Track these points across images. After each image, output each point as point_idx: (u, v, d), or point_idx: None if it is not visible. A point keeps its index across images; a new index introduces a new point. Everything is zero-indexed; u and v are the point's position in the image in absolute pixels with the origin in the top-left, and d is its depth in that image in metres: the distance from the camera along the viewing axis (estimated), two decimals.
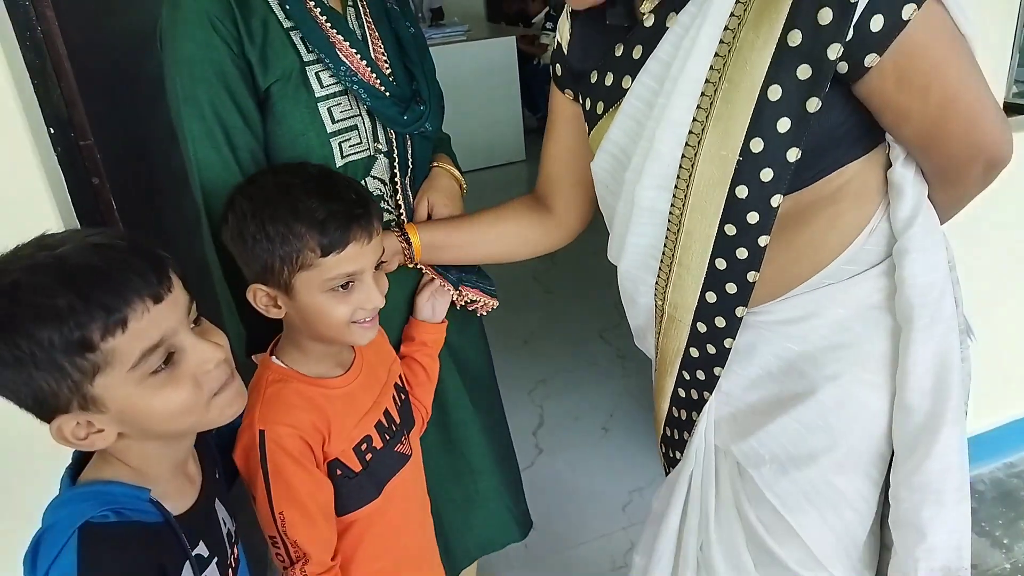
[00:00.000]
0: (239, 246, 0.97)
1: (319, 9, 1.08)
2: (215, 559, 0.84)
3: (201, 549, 0.82)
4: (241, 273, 1.01)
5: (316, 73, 1.09)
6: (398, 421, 1.13)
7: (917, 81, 0.78)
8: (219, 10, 1.01)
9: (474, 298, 1.32)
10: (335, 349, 1.06)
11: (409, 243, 1.17)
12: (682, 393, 1.04)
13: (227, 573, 0.87)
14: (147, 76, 1.70)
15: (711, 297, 0.92)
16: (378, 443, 1.08)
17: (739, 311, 0.91)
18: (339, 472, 1.03)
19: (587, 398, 2.62)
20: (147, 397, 0.72)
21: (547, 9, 5.69)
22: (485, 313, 1.36)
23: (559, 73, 1.08)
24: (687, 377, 1.02)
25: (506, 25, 6.04)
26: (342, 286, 0.97)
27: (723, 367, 0.97)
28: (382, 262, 1.03)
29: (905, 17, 0.74)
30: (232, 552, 0.90)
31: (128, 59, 1.57)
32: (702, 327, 0.95)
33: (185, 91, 1.02)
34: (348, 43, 1.10)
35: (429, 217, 1.24)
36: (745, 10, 0.78)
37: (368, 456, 1.06)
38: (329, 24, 1.08)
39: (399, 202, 1.21)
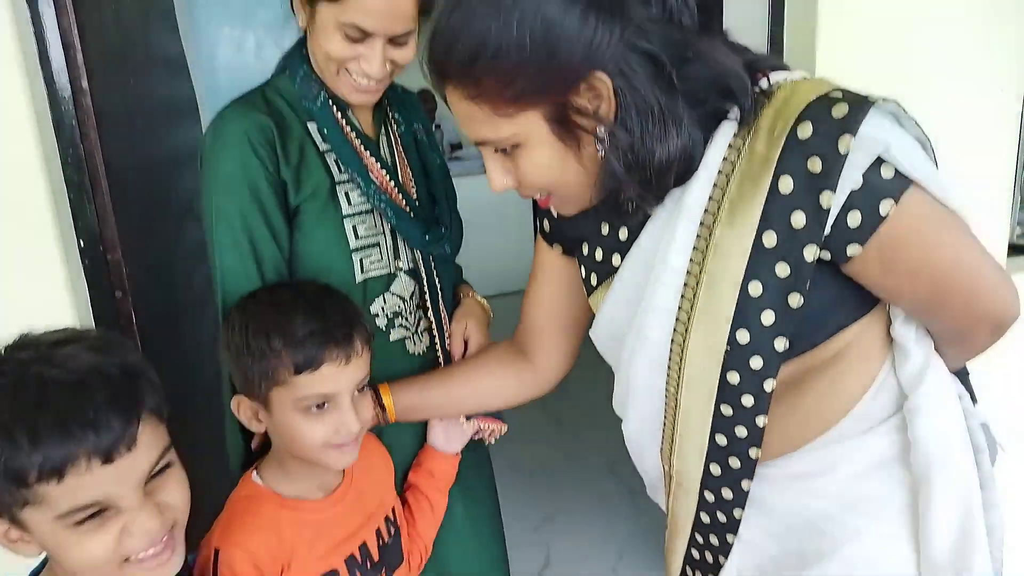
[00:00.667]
0: (227, 355, 0.98)
1: (354, 133, 1.14)
2: None
3: None
4: None
5: (346, 192, 1.13)
6: (375, 559, 1.07)
7: (904, 267, 0.78)
8: (258, 133, 1.06)
9: (481, 426, 1.29)
10: (319, 469, 1.02)
11: (382, 405, 1.15)
12: (696, 555, 1.00)
13: None
14: (177, 198, 1.76)
15: (715, 470, 0.90)
16: None
17: (744, 484, 0.90)
18: None
19: (597, 537, 2.51)
20: (68, 543, 0.70)
21: None
22: (492, 441, 1.33)
23: (547, 229, 1.08)
24: (700, 540, 0.98)
25: None
26: (317, 406, 0.95)
27: (735, 534, 0.94)
28: (365, 386, 1.01)
29: (883, 213, 0.74)
30: None
31: (161, 182, 1.63)
32: (710, 496, 0.93)
33: (219, 204, 1.07)
34: (379, 164, 1.16)
35: (466, 344, 1.28)
36: (718, 207, 0.80)
37: None
38: (363, 146, 1.15)
39: (419, 319, 1.23)
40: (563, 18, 0.74)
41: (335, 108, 1.13)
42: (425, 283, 1.23)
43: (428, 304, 1.24)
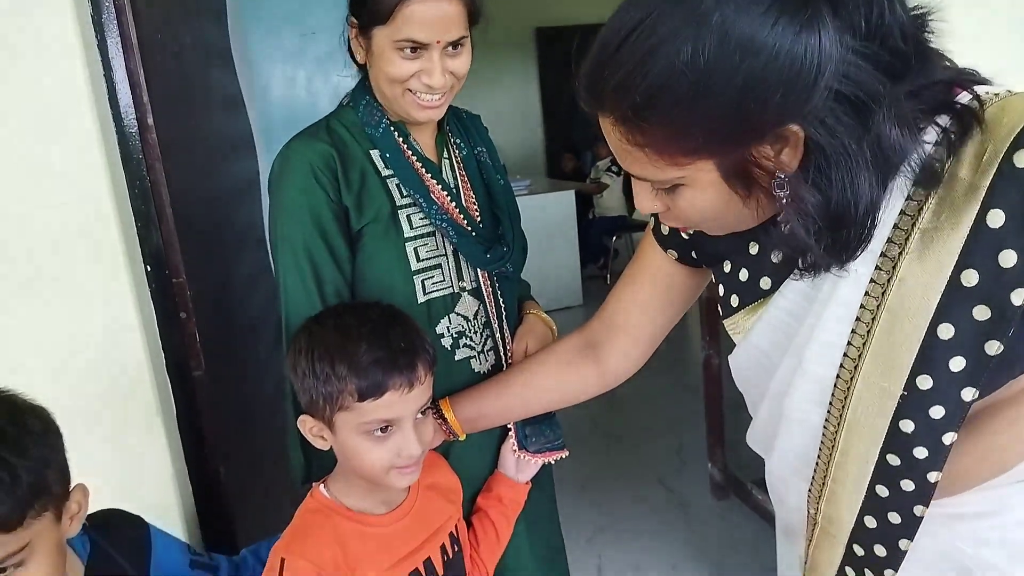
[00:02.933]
0: (293, 377, 1.02)
1: (415, 157, 1.20)
2: None
3: None
4: None
5: (407, 216, 1.19)
6: (440, 574, 1.08)
7: None
8: (322, 163, 1.13)
9: (548, 460, 1.31)
10: (382, 487, 1.05)
11: (444, 419, 1.17)
12: None
13: None
14: (234, 227, 1.85)
15: (870, 523, 0.81)
16: None
17: (903, 544, 0.80)
18: None
19: (649, 548, 2.51)
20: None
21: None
22: (552, 462, 1.35)
23: (665, 232, 1.00)
24: None
25: (563, 180, 6.34)
26: (380, 430, 0.97)
27: None
28: (427, 408, 1.03)
29: None
30: None
31: (220, 211, 1.73)
32: (859, 550, 0.84)
33: (283, 230, 1.14)
34: (440, 187, 1.21)
35: None
36: (906, 237, 0.72)
37: None
38: (424, 169, 1.20)
39: (485, 338, 1.27)
40: (762, 67, 0.63)
41: (396, 134, 1.19)
42: (489, 302, 1.27)
43: (493, 323, 1.27)
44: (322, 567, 0.97)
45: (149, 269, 1.29)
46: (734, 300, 0.90)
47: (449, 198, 1.22)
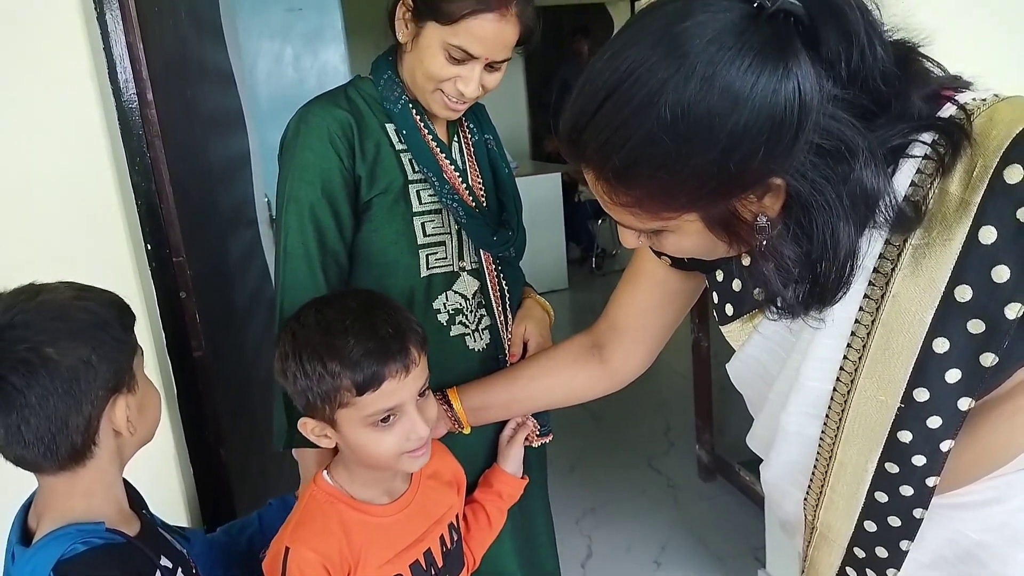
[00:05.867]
0: (284, 382, 0.99)
1: (431, 136, 1.21)
2: (179, 569, 0.91)
3: (165, 562, 0.89)
4: None
5: (417, 191, 1.20)
6: (440, 565, 1.08)
7: None
8: (339, 129, 1.14)
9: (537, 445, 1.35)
10: (386, 476, 1.05)
11: (451, 408, 1.17)
12: None
13: None
14: (230, 204, 1.83)
15: (870, 527, 0.83)
16: None
17: (904, 544, 0.81)
18: None
19: (638, 529, 2.54)
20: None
21: None
22: (536, 445, 1.37)
23: None
24: None
25: (549, 162, 6.33)
26: (384, 419, 0.96)
27: None
28: (426, 388, 1.02)
29: None
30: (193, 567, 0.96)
31: (214, 189, 1.70)
32: (860, 553, 0.85)
33: (292, 191, 1.14)
34: (452, 167, 1.23)
35: (525, 346, 1.31)
36: (898, 254, 0.72)
37: None
38: (438, 149, 1.22)
39: (481, 317, 1.28)
40: (742, 129, 0.62)
41: (415, 112, 1.20)
42: (492, 284, 1.28)
43: (496, 305, 1.29)
44: (327, 557, 0.96)
45: (150, 248, 1.27)
46: (729, 309, 0.90)
47: (459, 178, 1.23)
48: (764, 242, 0.71)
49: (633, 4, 7.02)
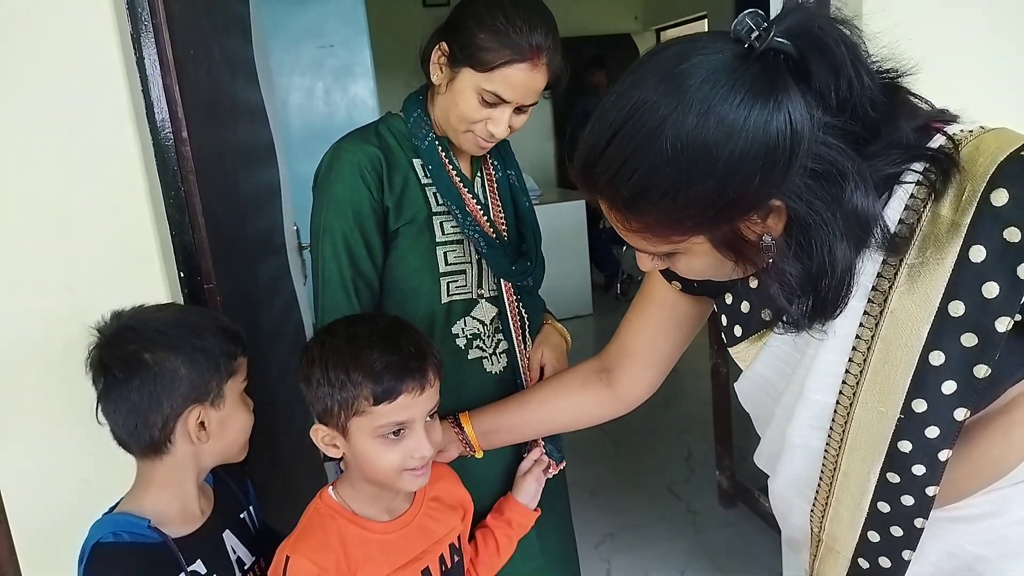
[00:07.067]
0: (305, 387, 1.05)
1: (455, 171, 1.29)
2: (214, 574, 1.03)
3: (198, 566, 1.01)
4: None
5: (440, 222, 1.28)
6: None
7: None
8: (369, 164, 1.22)
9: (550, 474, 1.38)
10: (387, 495, 1.10)
11: (463, 431, 1.22)
12: None
13: None
14: (259, 233, 1.92)
15: (874, 537, 0.86)
16: None
17: (906, 554, 0.84)
18: None
19: (657, 554, 2.55)
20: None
21: None
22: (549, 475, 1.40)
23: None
24: None
25: (574, 190, 6.39)
26: (393, 433, 1.02)
27: None
28: (435, 412, 1.07)
29: None
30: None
31: (245, 219, 1.79)
32: (864, 563, 0.88)
33: (327, 222, 1.22)
34: (474, 200, 1.31)
35: (542, 370, 1.36)
36: (895, 273, 0.77)
37: None
38: (461, 183, 1.29)
39: (498, 342, 1.35)
40: (738, 158, 0.67)
41: (440, 148, 1.27)
42: (512, 312, 1.35)
43: (514, 331, 1.35)
44: (324, 567, 1.01)
45: (183, 275, 1.34)
46: (737, 330, 0.95)
47: (481, 211, 1.30)
48: (770, 260, 0.76)
49: (659, 34, 7.12)
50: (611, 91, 0.75)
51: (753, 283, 0.87)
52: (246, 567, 1.10)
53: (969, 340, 0.74)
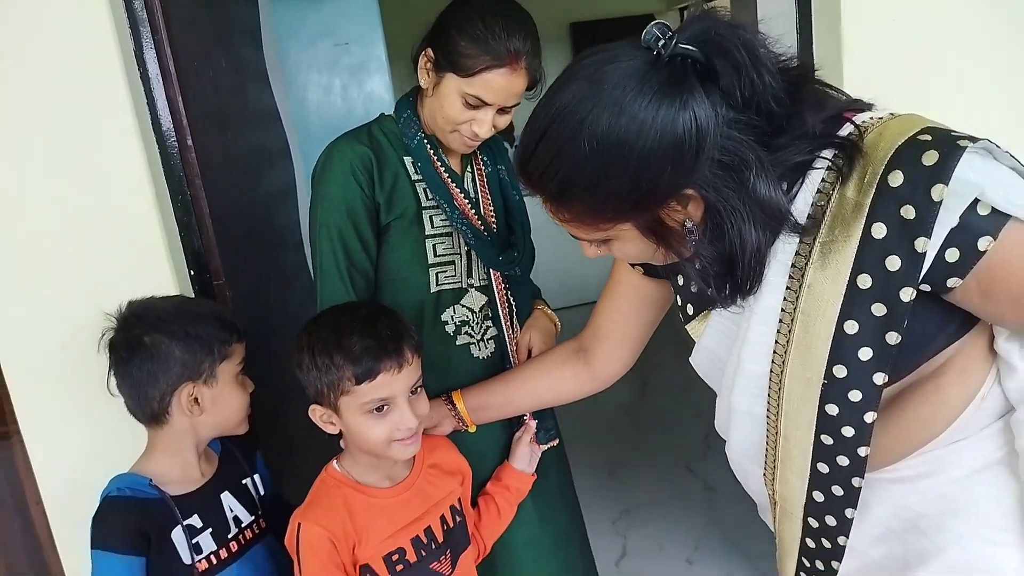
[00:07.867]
0: (298, 372, 1.15)
1: (443, 168, 1.37)
2: (209, 529, 1.18)
3: (194, 520, 1.16)
4: None
5: (430, 216, 1.36)
6: (440, 540, 1.21)
7: (1006, 295, 0.77)
8: (359, 163, 1.31)
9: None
10: (386, 463, 1.19)
11: (456, 408, 1.32)
12: None
13: (229, 545, 1.20)
14: (274, 229, 2.01)
15: (818, 497, 0.92)
16: (412, 557, 1.17)
17: (848, 512, 0.90)
18: None
19: (672, 529, 2.61)
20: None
21: None
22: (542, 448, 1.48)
23: None
24: (807, 564, 1.00)
25: None
26: (377, 408, 1.11)
27: (840, 561, 0.95)
28: (419, 387, 1.16)
29: (981, 248, 0.74)
30: (241, 533, 1.22)
31: (258, 216, 1.89)
32: (813, 522, 0.94)
33: (322, 218, 1.32)
34: (462, 195, 1.38)
35: (530, 352, 1.44)
36: (809, 250, 0.82)
37: (399, 567, 1.16)
38: (449, 179, 1.37)
39: (486, 329, 1.43)
40: (648, 152, 0.74)
41: (428, 147, 1.35)
42: (500, 300, 1.42)
43: (503, 318, 1.42)
44: (332, 531, 1.12)
45: (192, 273, 1.44)
46: (689, 309, 1.03)
47: (469, 205, 1.38)
48: (692, 244, 0.83)
49: (683, 13, 7.05)
50: (542, 96, 0.84)
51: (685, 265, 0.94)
52: (243, 524, 1.24)
53: (879, 310, 0.79)
